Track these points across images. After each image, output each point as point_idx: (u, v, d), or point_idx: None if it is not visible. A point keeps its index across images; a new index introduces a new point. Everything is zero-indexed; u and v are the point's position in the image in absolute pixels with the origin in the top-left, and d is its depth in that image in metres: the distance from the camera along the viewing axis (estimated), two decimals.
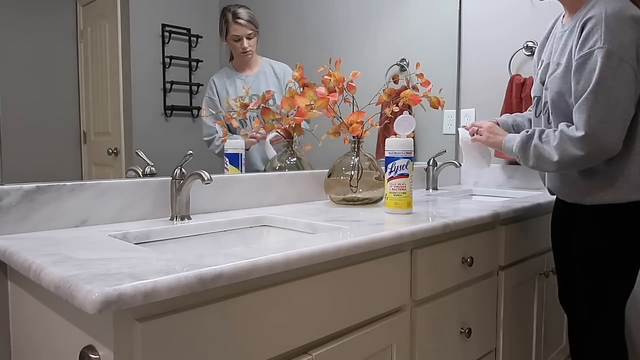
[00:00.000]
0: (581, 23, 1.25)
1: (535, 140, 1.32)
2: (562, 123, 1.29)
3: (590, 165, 1.28)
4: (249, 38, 1.56)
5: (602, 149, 1.23)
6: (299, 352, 0.95)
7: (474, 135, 1.57)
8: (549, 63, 1.40)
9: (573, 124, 1.26)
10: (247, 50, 1.56)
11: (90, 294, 0.65)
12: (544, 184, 1.51)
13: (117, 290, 0.67)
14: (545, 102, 1.39)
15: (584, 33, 1.23)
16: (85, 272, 0.75)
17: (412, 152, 1.41)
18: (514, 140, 1.38)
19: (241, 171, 1.52)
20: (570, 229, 1.43)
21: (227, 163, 1.51)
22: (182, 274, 0.74)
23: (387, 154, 1.41)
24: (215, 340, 0.81)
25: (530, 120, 1.63)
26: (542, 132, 1.32)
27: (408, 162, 1.39)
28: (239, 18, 1.54)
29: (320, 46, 1.80)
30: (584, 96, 1.22)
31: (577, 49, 1.25)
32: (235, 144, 1.52)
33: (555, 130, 1.29)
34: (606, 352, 1.38)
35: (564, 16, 1.41)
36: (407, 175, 1.38)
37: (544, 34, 1.51)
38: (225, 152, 1.50)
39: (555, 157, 1.27)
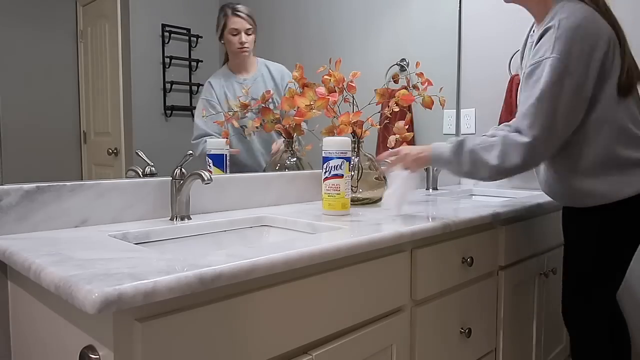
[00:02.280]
0: (540, 32, 1.26)
1: (470, 145, 1.26)
2: (504, 128, 1.27)
3: (515, 174, 1.26)
4: (247, 34, 1.52)
5: (538, 160, 1.25)
6: (299, 352, 0.95)
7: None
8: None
9: (514, 130, 1.24)
10: (245, 46, 1.52)
11: (90, 294, 0.65)
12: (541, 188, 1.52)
13: (117, 290, 0.67)
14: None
15: (539, 42, 1.25)
16: (85, 272, 0.75)
17: (349, 152, 1.37)
18: (443, 147, 1.30)
19: (225, 172, 1.49)
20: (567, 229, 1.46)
21: (211, 164, 1.47)
22: (182, 274, 0.74)
23: (323, 154, 1.38)
24: (215, 340, 0.81)
25: None
26: (475, 138, 1.28)
27: (342, 162, 1.36)
28: (239, 11, 1.50)
29: (320, 46, 1.80)
30: (529, 102, 1.21)
31: (531, 57, 1.27)
32: (218, 144, 1.48)
33: (493, 136, 1.26)
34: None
35: (534, 24, 1.43)
36: (341, 176, 1.35)
37: (521, 48, 1.52)
38: (207, 152, 1.46)
39: (495, 162, 1.23)
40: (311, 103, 1.50)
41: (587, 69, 1.21)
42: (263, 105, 1.57)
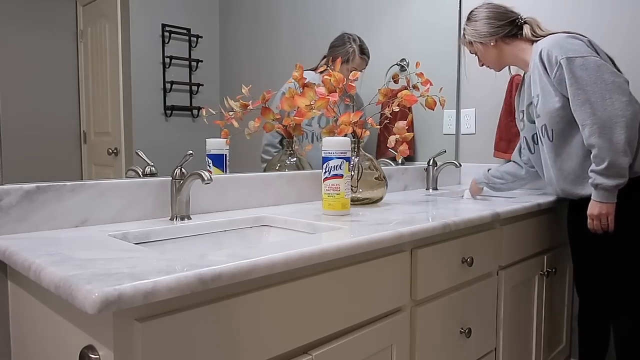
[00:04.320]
0: (537, 59, 1.57)
1: (597, 172, 1.46)
2: (584, 133, 1.48)
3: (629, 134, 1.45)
4: (359, 71, 1.64)
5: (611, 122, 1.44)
6: (298, 352, 0.95)
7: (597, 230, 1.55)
8: (530, 103, 1.70)
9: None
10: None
11: (90, 294, 0.66)
12: (556, 189, 1.69)
13: (117, 290, 0.67)
14: (542, 126, 1.64)
15: (545, 60, 1.54)
16: (85, 272, 0.75)
17: (349, 152, 1.38)
18: (600, 192, 1.48)
19: (225, 172, 1.48)
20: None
21: (211, 164, 1.46)
22: (182, 274, 0.74)
23: (322, 154, 1.39)
24: (216, 340, 0.81)
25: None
26: (592, 167, 1.48)
27: (342, 162, 1.36)
28: (365, 54, 1.73)
29: (321, 46, 1.80)
30: (572, 100, 1.48)
31: (549, 71, 1.54)
32: (218, 144, 1.48)
33: (591, 153, 1.48)
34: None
35: (524, 74, 1.78)
36: (341, 176, 1.36)
37: (517, 96, 1.85)
38: (207, 152, 1.46)
39: (610, 154, 1.43)
40: (311, 103, 1.50)
41: (594, 51, 1.54)
42: (263, 105, 1.57)
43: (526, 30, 1.68)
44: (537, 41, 1.65)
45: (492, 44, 1.69)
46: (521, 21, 1.69)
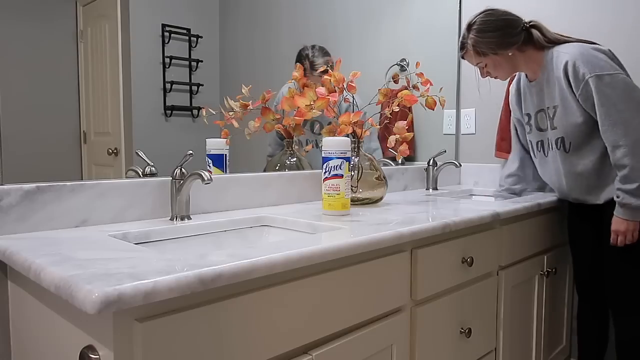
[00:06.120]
0: (561, 71, 1.53)
1: (627, 192, 1.45)
2: (614, 154, 1.46)
3: None
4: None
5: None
6: (298, 352, 0.95)
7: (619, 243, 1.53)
8: (540, 110, 1.68)
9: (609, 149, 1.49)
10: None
11: (90, 294, 0.65)
12: (567, 196, 1.71)
13: (117, 290, 0.67)
14: (558, 138, 1.63)
15: (570, 74, 1.50)
16: (85, 272, 0.75)
17: (349, 152, 1.38)
18: (627, 211, 1.47)
19: (225, 172, 1.49)
20: (602, 223, 1.61)
21: (211, 165, 1.47)
22: (182, 274, 0.74)
23: (323, 154, 1.39)
24: (216, 340, 0.81)
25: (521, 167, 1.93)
26: (621, 184, 1.46)
27: (342, 162, 1.36)
28: (316, 70, 1.69)
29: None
30: (602, 120, 1.46)
31: (574, 87, 1.51)
32: (218, 144, 1.48)
33: (618, 172, 1.47)
34: None
35: (526, 77, 1.73)
36: (341, 176, 1.36)
37: (512, 96, 1.84)
38: (207, 152, 1.46)
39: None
40: (311, 103, 1.50)
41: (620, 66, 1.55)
42: (263, 105, 1.57)
43: (536, 35, 1.61)
44: (549, 47, 1.60)
45: (510, 54, 1.61)
46: (526, 25, 1.62)
